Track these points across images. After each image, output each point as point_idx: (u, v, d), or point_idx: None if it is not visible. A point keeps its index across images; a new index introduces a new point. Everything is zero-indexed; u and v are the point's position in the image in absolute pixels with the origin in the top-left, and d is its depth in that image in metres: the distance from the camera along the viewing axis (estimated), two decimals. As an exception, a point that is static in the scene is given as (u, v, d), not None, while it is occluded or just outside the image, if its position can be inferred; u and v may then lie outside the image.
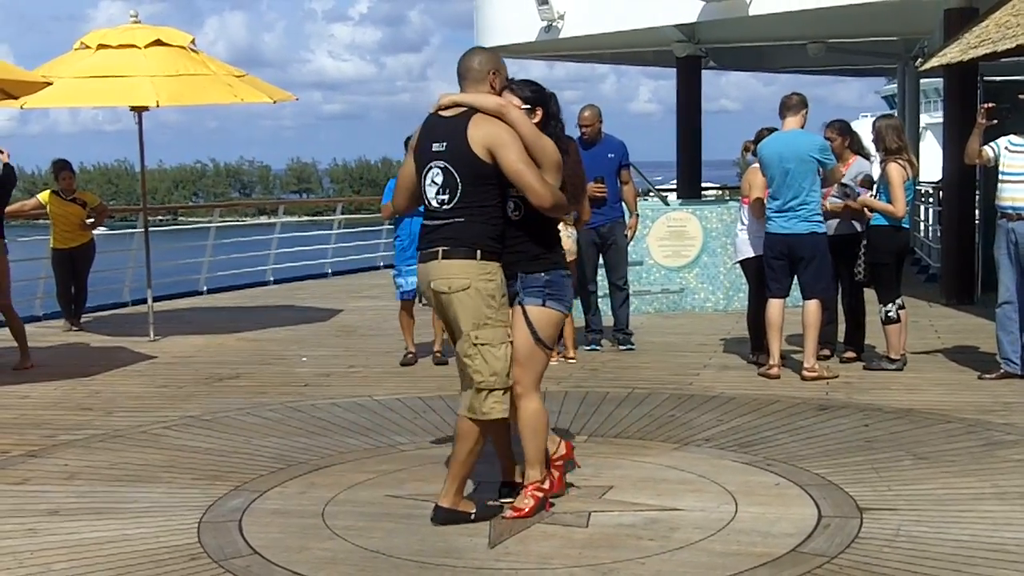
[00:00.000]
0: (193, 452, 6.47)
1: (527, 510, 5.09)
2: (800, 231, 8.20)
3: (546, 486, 5.21)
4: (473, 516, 5.06)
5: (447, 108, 5.09)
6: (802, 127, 8.35)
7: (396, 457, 6.28)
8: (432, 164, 5.02)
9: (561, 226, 9.13)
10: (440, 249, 4.98)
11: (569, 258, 9.28)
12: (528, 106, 5.14)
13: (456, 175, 4.96)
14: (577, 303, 10.55)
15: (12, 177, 9.93)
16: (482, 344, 4.93)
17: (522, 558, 4.63)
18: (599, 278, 9.88)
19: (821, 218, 8.30)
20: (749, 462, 6.00)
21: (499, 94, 5.12)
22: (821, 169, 8.20)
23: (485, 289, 4.94)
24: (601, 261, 9.73)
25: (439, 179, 5.01)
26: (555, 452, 5.42)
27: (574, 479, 5.64)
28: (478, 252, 4.94)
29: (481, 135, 4.94)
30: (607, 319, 10.06)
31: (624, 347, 9.73)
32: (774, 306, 8.38)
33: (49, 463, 6.29)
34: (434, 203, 5.03)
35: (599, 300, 9.94)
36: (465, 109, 5.04)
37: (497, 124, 4.96)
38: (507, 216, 5.07)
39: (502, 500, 5.28)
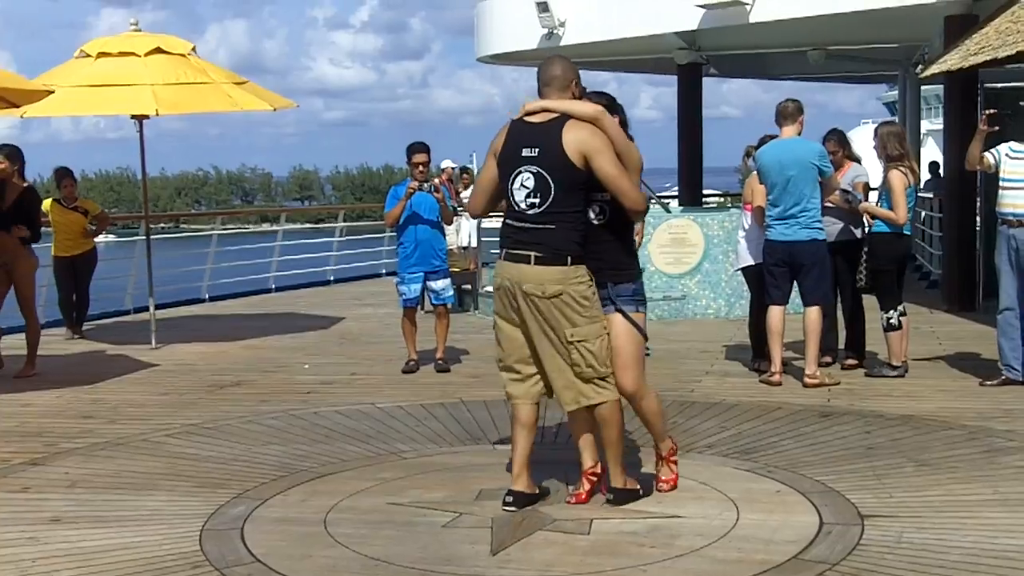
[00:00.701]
0: (195, 460, 6.47)
1: (675, 476, 5.64)
2: (801, 238, 8.20)
3: (675, 458, 5.69)
4: (641, 492, 5.45)
5: (534, 114, 5.23)
6: (799, 134, 8.36)
7: (398, 464, 6.28)
8: (523, 169, 5.16)
9: None
10: (532, 255, 5.16)
11: None
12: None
13: (549, 180, 5.11)
14: None
15: (36, 196, 10.07)
16: (579, 341, 5.18)
17: (524, 565, 4.62)
18: None
19: (821, 225, 8.30)
20: (751, 469, 6.00)
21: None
22: (820, 176, 8.21)
23: (577, 292, 5.17)
24: None
25: (530, 183, 5.14)
26: (591, 467, 5.50)
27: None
28: (568, 259, 5.15)
29: (576, 141, 5.08)
30: None
31: None
32: (775, 313, 8.39)
33: (51, 471, 6.30)
34: (523, 206, 5.17)
35: None
36: (557, 115, 5.17)
37: (591, 130, 5.12)
38: (588, 221, 5.25)
39: (505, 508, 5.29)
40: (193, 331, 12.37)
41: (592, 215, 5.26)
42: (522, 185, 5.15)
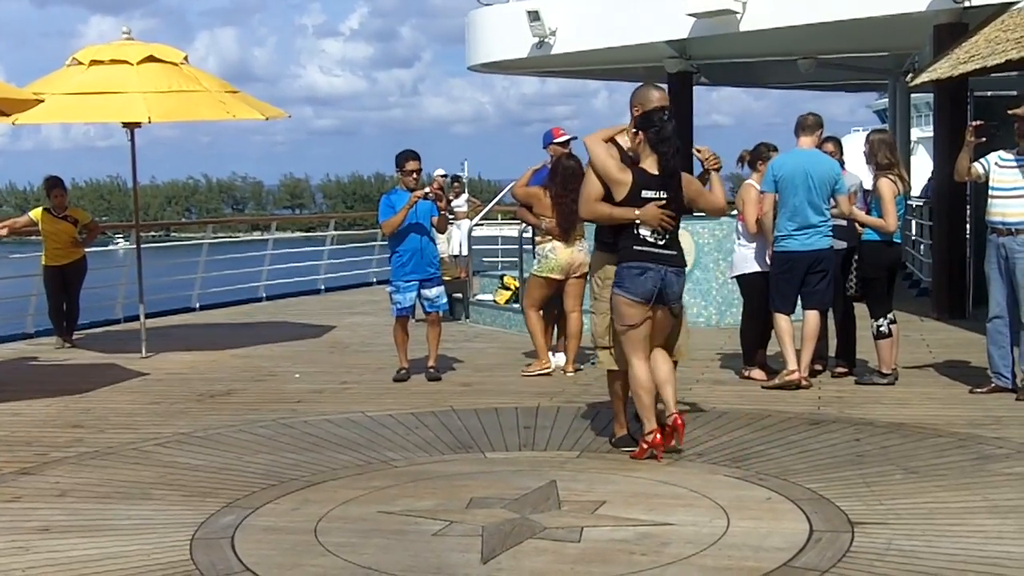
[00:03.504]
0: (185, 469, 6.47)
1: (639, 451, 6.45)
2: (823, 246, 8.45)
3: (648, 439, 6.35)
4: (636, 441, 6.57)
5: None
6: (817, 147, 8.53)
7: (388, 473, 6.28)
8: None
9: (561, 244, 9.23)
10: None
11: (582, 271, 9.27)
12: (635, 129, 6.53)
13: None
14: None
15: None
16: (591, 311, 6.80)
17: (514, 573, 4.62)
18: None
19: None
20: (741, 477, 6.01)
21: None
22: (834, 194, 8.40)
23: (601, 274, 6.63)
24: None
25: None
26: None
27: (566, 494, 5.65)
28: (596, 247, 6.74)
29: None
30: None
31: None
32: (787, 319, 8.47)
33: (41, 480, 6.29)
34: None
35: None
36: None
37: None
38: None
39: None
40: (183, 340, 12.35)
41: None
42: None
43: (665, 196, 6.43)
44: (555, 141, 9.53)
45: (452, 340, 11.24)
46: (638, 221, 6.39)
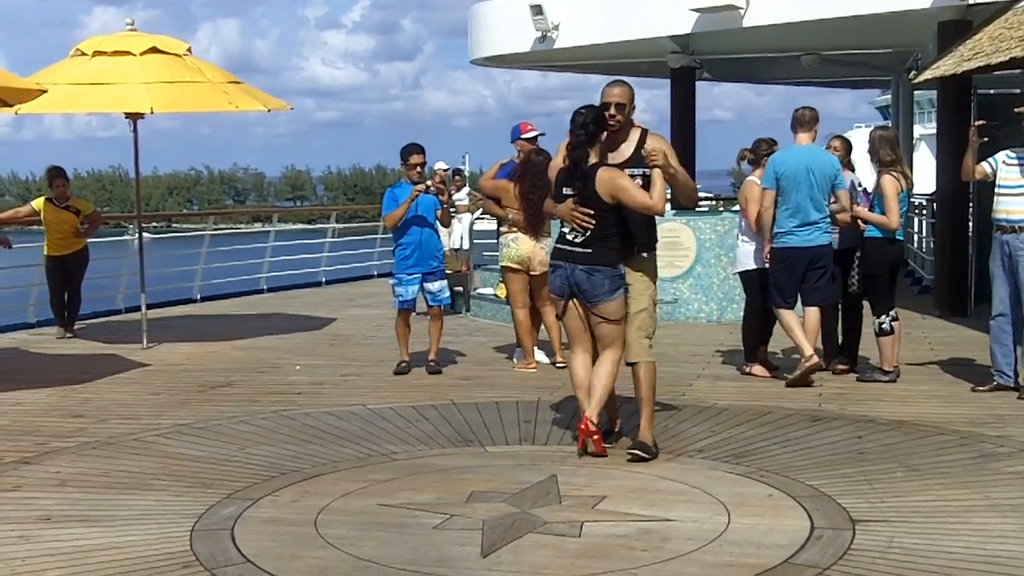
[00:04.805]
0: (186, 460, 6.46)
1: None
2: (823, 243, 8.44)
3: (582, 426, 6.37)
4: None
5: None
6: (813, 141, 8.51)
7: (389, 466, 6.28)
8: None
9: (525, 236, 9.24)
10: None
11: (542, 269, 9.28)
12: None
13: None
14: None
15: None
16: None
17: (515, 568, 4.62)
18: None
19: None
20: (742, 473, 6.00)
21: None
22: (833, 189, 8.38)
23: None
24: None
25: None
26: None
27: (567, 489, 5.65)
28: None
29: None
30: None
31: None
32: (790, 312, 8.50)
33: (41, 470, 6.28)
34: None
35: None
36: None
37: None
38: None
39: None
40: (184, 331, 12.36)
41: None
42: None
43: (574, 192, 6.31)
44: (522, 136, 9.44)
45: (453, 333, 11.24)
46: (558, 216, 6.46)
